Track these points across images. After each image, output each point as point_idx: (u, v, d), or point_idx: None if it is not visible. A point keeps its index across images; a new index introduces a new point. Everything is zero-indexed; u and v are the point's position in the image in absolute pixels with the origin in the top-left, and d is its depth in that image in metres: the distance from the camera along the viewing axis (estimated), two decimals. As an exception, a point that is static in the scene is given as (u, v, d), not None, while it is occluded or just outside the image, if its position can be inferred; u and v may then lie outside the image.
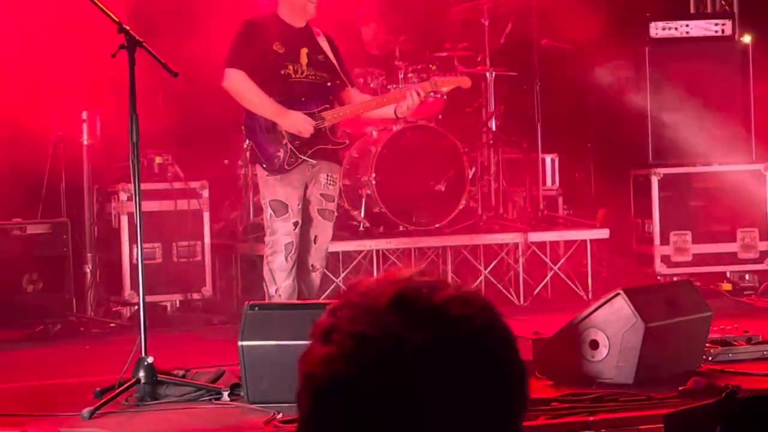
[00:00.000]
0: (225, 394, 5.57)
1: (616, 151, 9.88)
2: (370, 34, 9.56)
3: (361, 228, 8.82)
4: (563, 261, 9.16)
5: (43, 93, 8.51)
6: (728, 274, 9.22)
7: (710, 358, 6.00)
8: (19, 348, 7.68)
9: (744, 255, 9.15)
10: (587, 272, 9.10)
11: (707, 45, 9.37)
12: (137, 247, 5.85)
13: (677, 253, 9.10)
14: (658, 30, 9.35)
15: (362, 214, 8.80)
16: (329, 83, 6.97)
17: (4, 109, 8.22)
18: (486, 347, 1.39)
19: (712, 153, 9.16)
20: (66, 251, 8.19)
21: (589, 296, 8.86)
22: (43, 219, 8.35)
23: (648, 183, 9.14)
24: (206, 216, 8.70)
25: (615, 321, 5.63)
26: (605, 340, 5.63)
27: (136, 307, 7.88)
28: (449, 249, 9.13)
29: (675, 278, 8.74)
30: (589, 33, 9.19)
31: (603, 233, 9.25)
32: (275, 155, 6.84)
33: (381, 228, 8.82)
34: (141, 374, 5.54)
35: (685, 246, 9.10)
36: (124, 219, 8.45)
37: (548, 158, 9.99)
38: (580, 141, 10.39)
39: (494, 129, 9.80)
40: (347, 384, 1.37)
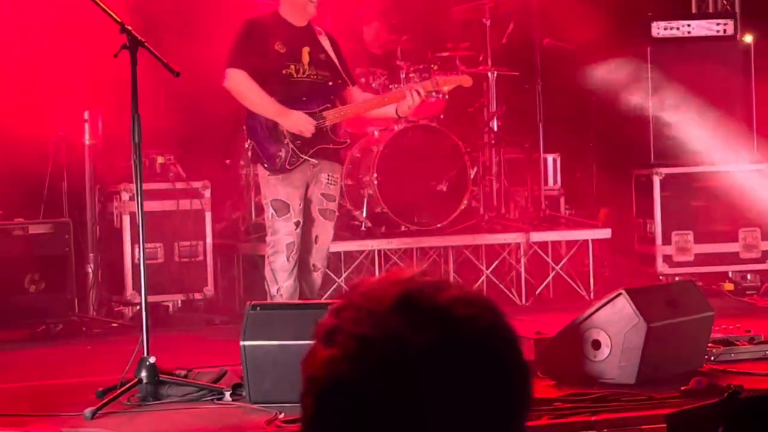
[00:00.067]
0: (227, 394, 5.57)
1: (618, 151, 9.87)
2: (372, 34, 9.55)
3: (363, 228, 8.81)
4: (565, 261, 9.16)
5: (45, 93, 8.51)
6: (730, 274, 9.21)
7: (712, 358, 6.00)
8: (21, 348, 7.68)
9: (746, 255, 9.14)
10: (589, 272, 9.09)
11: (709, 45, 9.37)
12: (139, 247, 5.84)
13: (679, 253, 9.09)
14: (660, 30, 9.35)
15: (364, 214, 8.79)
16: (331, 82, 6.96)
17: (6, 110, 8.22)
18: (490, 348, 1.39)
19: (714, 153, 9.15)
20: (68, 251, 8.19)
21: (591, 296, 8.85)
22: (45, 219, 8.34)
23: (650, 183, 9.13)
24: (208, 216, 8.70)
25: (617, 321, 5.63)
26: (607, 340, 5.63)
27: (138, 307, 7.89)
28: (451, 249, 9.12)
29: (677, 278, 8.73)
30: (591, 33, 9.19)
31: (605, 233, 9.25)
32: (276, 155, 6.83)
33: (383, 228, 8.81)
34: (143, 374, 5.54)
35: (687, 246, 9.09)
36: (126, 219, 8.45)
37: (550, 158, 9.99)
38: (582, 141, 10.38)
39: (496, 129, 9.80)
40: (350, 386, 1.36)
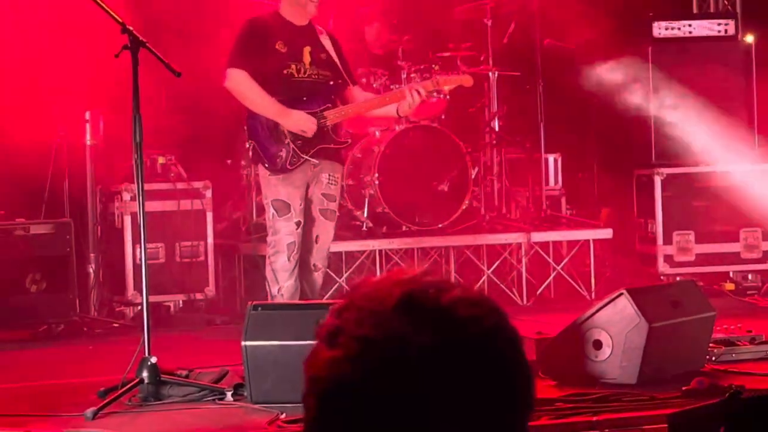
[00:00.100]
0: (228, 394, 5.57)
1: (619, 151, 9.87)
2: (373, 34, 9.55)
3: (364, 228, 8.81)
4: (566, 261, 9.15)
5: (46, 93, 8.50)
6: (731, 274, 9.21)
7: (714, 358, 6.00)
8: (23, 348, 7.68)
9: (747, 255, 9.14)
10: (590, 272, 9.09)
11: (710, 45, 9.37)
12: (140, 247, 5.84)
13: (680, 253, 9.09)
14: (661, 30, 9.35)
15: (365, 214, 8.79)
16: (332, 82, 6.95)
17: (7, 110, 8.22)
18: (493, 349, 1.39)
19: (715, 153, 9.15)
20: (69, 251, 8.19)
21: (592, 296, 8.85)
22: (47, 219, 8.34)
23: (651, 183, 9.13)
24: (209, 216, 8.70)
25: (618, 321, 5.63)
26: (608, 340, 5.63)
27: (139, 307, 7.89)
28: (452, 249, 9.12)
29: (678, 278, 8.73)
30: (592, 33, 9.18)
31: (606, 233, 9.24)
32: (277, 155, 6.82)
33: (384, 228, 8.81)
34: (144, 374, 5.54)
35: (688, 246, 9.09)
36: (127, 219, 8.45)
37: (551, 158, 9.98)
38: (583, 141, 10.38)
39: (497, 129, 9.79)
40: (353, 387, 1.36)
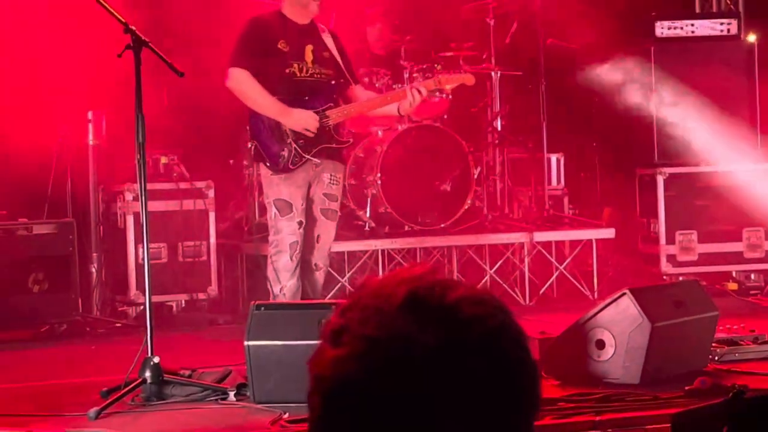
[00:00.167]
0: (231, 394, 5.57)
1: (622, 151, 9.86)
2: (376, 35, 9.54)
3: (367, 228, 8.81)
4: (569, 261, 9.15)
5: (49, 94, 8.51)
6: (734, 274, 9.21)
7: (717, 358, 5.99)
8: (25, 348, 7.67)
9: (750, 254, 9.14)
10: (593, 272, 9.08)
11: (713, 44, 9.36)
12: (143, 247, 5.85)
13: (683, 253, 9.09)
14: (664, 29, 9.34)
15: (368, 214, 8.79)
16: (334, 81, 6.95)
17: (10, 110, 8.22)
18: (499, 348, 1.38)
19: (718, 152, 9.15)
20: (71, 251, 8.19)
21: (595, 296, 8.85)
22: (49, 219, 8.34)
23: (653, 182, 9.13)
24: (212, 216, 8.70)
25: (621, 320, 5.62)
26: (611, 340, 5.63)
27: (142, 307, 7.89)
28: (454, 249, 9.12)
29: (681, 278, 8.73)
30: (595, 32, 9.18)
31: (608, 233, 9.24)
32: (279, 154, 6.82)
33: (386, 228, 8.81)
34: (147, 374, 5.54)
35: (691, 245, 9.09)
36: (130, 219, 8.45)
37: (553, 158, 9.98)
38: (586, 140, 10.37)
39: (499, 128, 9.79)
40: (358, 386, 1.36)
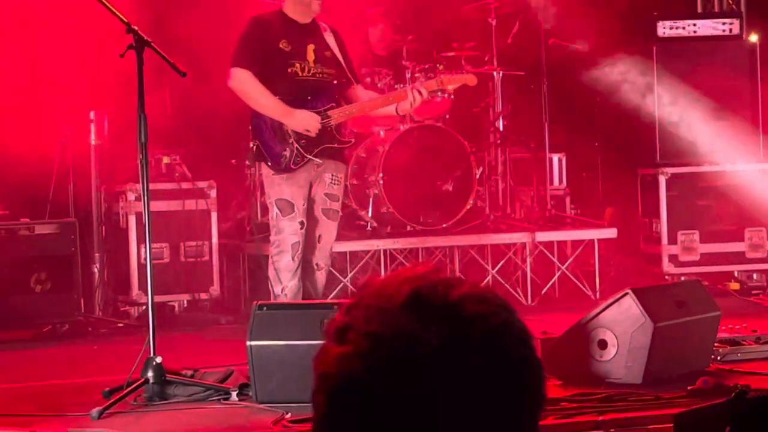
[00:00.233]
0: (233, 394, 5.57)
1: (624, 151, 9.86)
2: (377, 35, 9.54)
3: (369, 228, 8.81)
4: (571, 261, 9.14)
5: (51, 93, 8.51)
6: (736, 274, 9.20)
7: (719, 358, 5.99)
8: (27, 348, 7.68)
9: (752, 254, 9.13)
10: (595, 272, 9.08)
11: (715, 44, 9.36)
12: (145, 247, 5.84)
13: (685, 253, 9.08)
14: (666, 29, 9.34)
15: (370, 214, 8.79)
16: (336, 81, 6.94)
17: (12, 110, 8.23)
18: (502, 346, 1.38)
19: (720, 152, 9.14)
20: (74, 251, 8.19)
21: (597, 296, 8.85)
22: (51, 219, 8.34)
23: (655, 182, 9.12)
24: (214, 216, 8.70)
25: (623, 320, 5.62)
26: (614, 340, 5.63)
27: (144, 307, 7.90)
28: (457, 249, 9.12)
29: (683, 278, 8.72)
30: (597, 32, 9.18)
31: (610, 233, 9.23)
32: (281, 154, 6.81)
33: (388, 228, 8.80)
34: (149, 374, 5.54)
35: (693, 245, 9.08)
36: (132, 219, 8.45)
37: (555, 158, 9.98)
38: (588, 140, 10.37)
39: (501, 128, 9.78)
40: (362, 384, 1.36)
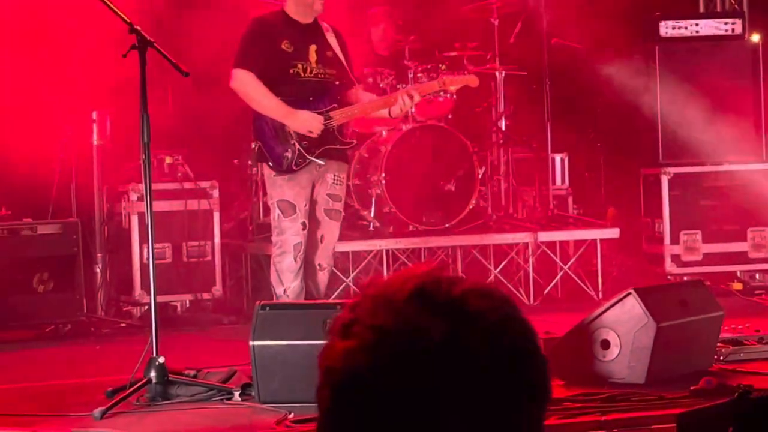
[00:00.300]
0: (236, 394, 5.57)
1: (626, 151, 9.86)
2: (379, 35, 9.54)
3: (371, 228, 8.81)
4: (573, 260, 9.14)
5: (53, 93, 8.51)
6: (739, 274, 9.20)
7: (722, 358, 5.99)
8: (30, 348, 7.68)
9: (754, 254, 9.13)
10: (597, 272, 9.08)
11: (717, 44, 9.36)
12: (148, 247, 5.84)
13: (687, 253, 9.08)
14: (668, 29, 9.34)
15: (372, 214, 8.79)
16: (337, 81, 6.94)
17: (14, 111, 8.23)
18: (505, 340, 1.39)
19: (723, 152, 9.14)
20: (76, 251, 8.19)
21: (600, 296, 8.84)
22: (54, 219, 8.34)
23: (658, 182, 9.12)
24: (216, 216, 8.71)
25: (626, 321, 5.62)
26: (617, 340, 5.62)
27: (147, 307, 7.90)
28: (459, 249, 9.11)
29: (685, 278, 8.72)
30: (599, 32, 9.18)
31: (613, 233, 9.23)
32: (283, 155, 6.80)
33: (391, 228, 8.80)
34: (152, 374, 5.53)
35: (696, 245, 9.08)
36: (135, 219, 8.46)
37: (558, 157, 9.98)
38: (590, 140, 10.37)
39: (504, 128, 9.78)
40: (367, 377, 1.36)
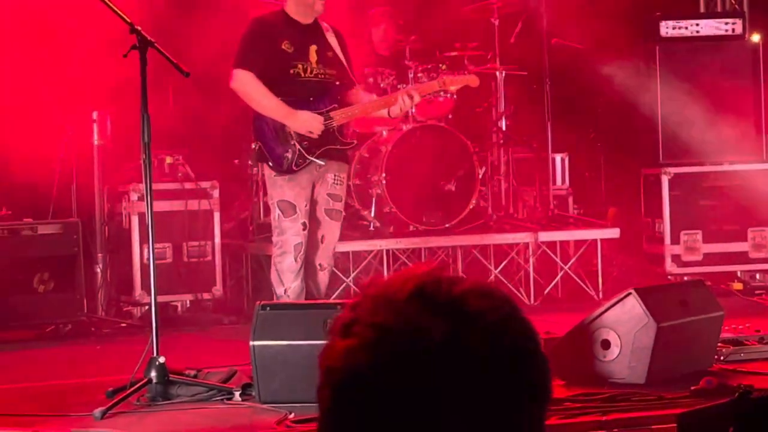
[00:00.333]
0: (236, 394, 5.57)
1: (627, 151, 9.86)
2: (380, 35, 9.54)
3: (371, 228, 8.81)
4: (574, 260, 9.14)
5: (53, 93, 8.51)
6: (739, 274, 9.20)
7: (722, 358, 5.99)
8: (30, 348, 7.68)
9: (755, 254, 9.13)
10: (598, 272, 9.08)
11: (717, 44, 9.36)
12: (148, 247, 5.84)
13: (688, 253, 9.08)
14: (669, 29, 9.34)
15: (372, 214, 8.79)
16: (338, 82, 6.94)
17: (15, 111, 8.23)
18: (505, 340, 1.39)
19: (723, 152, 9.14)
20: (77, 251, 8.19)
21: (600, 296, 8.84)
22: (54, 219, 8.34)
23: (658, 182, 9.12)
24: (216, 216, 8.71)
25: (627, 321, 5.62)
26: (617, 340, 5.62)
27: (147, 307, 7.90)
28: (459, 249, 9.11)
29: (686, 278, 8.72)
30: (600, 32, 9.18)
31: (613, 233, 9.23)
32: (283, 156, 6.80)
33: (391, 228, 8.81)
34: (152, 374, 5.53)
35: (696, 245, 9.08)
36: (135, 219, 8.46)
37: (558, 157, 9.98)
38: (591, 140, 10.37)
39: (504, 128, 9.78)
40: (367, 377, 1.36)
